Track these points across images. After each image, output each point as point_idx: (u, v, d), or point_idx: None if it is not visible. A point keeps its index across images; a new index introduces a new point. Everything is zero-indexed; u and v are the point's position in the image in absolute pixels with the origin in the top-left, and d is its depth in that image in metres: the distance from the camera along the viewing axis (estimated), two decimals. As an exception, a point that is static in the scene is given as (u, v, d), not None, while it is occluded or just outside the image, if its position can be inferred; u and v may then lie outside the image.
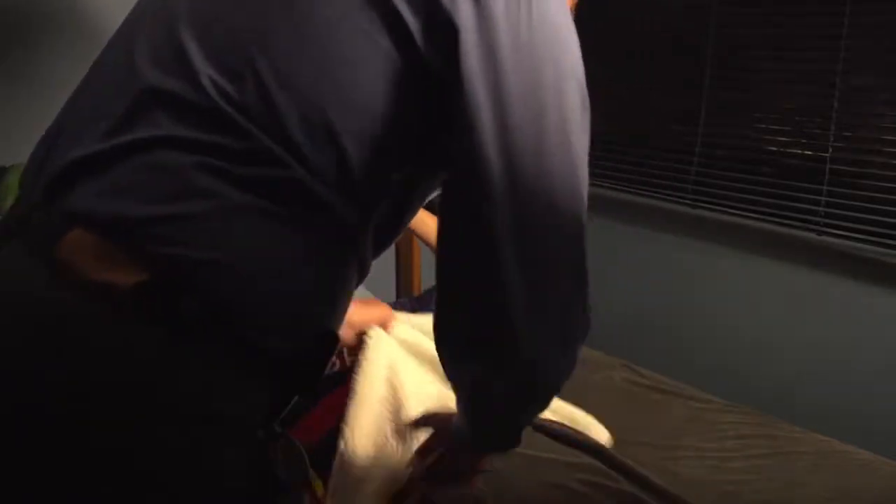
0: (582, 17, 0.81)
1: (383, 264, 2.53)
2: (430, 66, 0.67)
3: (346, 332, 1.17)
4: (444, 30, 0.65)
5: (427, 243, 1.72)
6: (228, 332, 0.67)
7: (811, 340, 2.10)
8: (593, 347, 1.87)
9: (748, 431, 1.49)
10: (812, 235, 2.04)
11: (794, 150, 2.07)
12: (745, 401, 1.64)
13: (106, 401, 0.63)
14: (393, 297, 2.53)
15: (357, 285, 0.78)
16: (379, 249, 0.79)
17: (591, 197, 0.73)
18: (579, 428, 1.28)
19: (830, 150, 1.97)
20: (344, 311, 0.77)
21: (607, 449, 1.36)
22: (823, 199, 2.00)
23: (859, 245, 1.96)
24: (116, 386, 0.64)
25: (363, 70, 0.67)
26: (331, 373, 1.23)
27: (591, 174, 0.73)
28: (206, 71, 0.68)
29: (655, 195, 2.37)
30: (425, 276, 2.43)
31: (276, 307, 0.69)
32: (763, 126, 2.14)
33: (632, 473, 1.30)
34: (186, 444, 0.66)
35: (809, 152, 2.03)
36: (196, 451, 0.67)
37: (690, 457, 1.40)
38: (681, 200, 2.31)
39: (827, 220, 2.00)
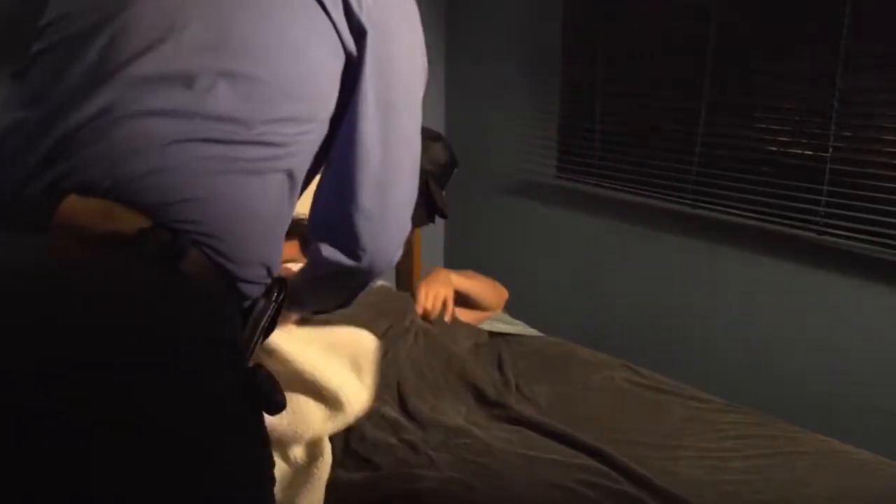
0: (584, 18, 0.83)
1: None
2: (352, 57, 0.91)
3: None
4: (357, 34, 0.90)
5: None
6: (214, 265, 0.80)
7: (811, 340, 2.10)
8: (593, 347, 1.87)
9: (748, 431, 1.48)
10: (812, 235, 2.04)
11: (794, 150, 2.07)
12: (745, 401, 1.64)
13: (121, 338, 0.69)
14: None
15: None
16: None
17: (592, 197, 0.75)
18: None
19: (830, 150, 1.97)
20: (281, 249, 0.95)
21: (607, 449, 1.36)
22: (823, 199, 2.00)
23: (859, 245, 1.96)
24: (131, 320, 0.71)
25: (315, 56, 0.88)
26: None
27: (592, 174, 0.75)
28: (189, 61, 0.81)
29: (655, 195, 2.37)
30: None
31: (246, 240, 0.83)
32: (763, 126, 2.14)
33: (632, 473, 1.30)
34: (192, 366, 0.73)
35: (809, 152, 2.03)
36: (200, 374, 0.73)
37: (690, 457, 1.40)
38: (681, 200, 2.31)
39: (827, 220, 2.00)
